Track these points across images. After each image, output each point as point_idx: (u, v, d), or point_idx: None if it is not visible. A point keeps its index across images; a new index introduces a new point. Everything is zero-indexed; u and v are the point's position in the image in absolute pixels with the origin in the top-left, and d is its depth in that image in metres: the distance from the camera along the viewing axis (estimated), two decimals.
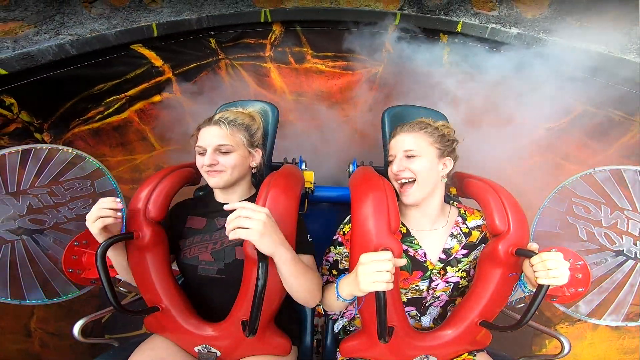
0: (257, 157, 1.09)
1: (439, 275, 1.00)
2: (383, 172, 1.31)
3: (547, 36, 1.86)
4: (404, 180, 0.99)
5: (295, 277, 0.86)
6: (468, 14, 2.04)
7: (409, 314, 1.02)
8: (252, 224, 0.74)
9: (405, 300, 1.01)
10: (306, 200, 1.42)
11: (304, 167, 1.48)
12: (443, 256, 1.00)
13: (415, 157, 0.98)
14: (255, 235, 0.74)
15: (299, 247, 0.95)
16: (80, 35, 1.74)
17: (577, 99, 1.87)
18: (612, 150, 1.82)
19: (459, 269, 1.00)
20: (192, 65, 2.27)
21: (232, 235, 0.75)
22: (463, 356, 0.97)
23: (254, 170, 1.11)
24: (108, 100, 2.00)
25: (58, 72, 1.69)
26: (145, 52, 2.03)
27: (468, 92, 2.20)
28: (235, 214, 0.76)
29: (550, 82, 1.91)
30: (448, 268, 1.00)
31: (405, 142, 1.00)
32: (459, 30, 2.03)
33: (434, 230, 1.03)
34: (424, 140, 0.99)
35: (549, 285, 0.76)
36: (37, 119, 1.69)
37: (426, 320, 1.04)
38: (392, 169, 1.01)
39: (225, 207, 0.79)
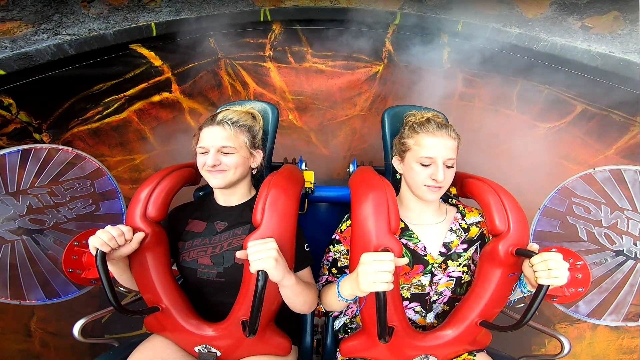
0: (257, 158, 1.09)
1: (440, 270, 1.00)
2: (383, 172, 1.32)
3: (548, 36, 1.84)
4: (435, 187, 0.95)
5: (297, 296, 0.90)
6: (469, 13, 2.03)
7: (413, 309, 1.02)
8: (266, 255, 0.79)
9: (409, 295, 1.01)
10: (306, 200, 1.41)
11: (304, 167, 1.48)
12: (443, 250, 1.01)
13: (452, 167, 0.96)
14: (271, 263, 0.78)
15: (298, 259, 0.96)
16: (79, 35, 1.73)
17: (578, 98, 1.87)
18: (611, 150, 1.82)
19: (460, 264, 1.00)
20: (191, 65, 2.26)
21: (252, 269, 0.79)
22: (463, 356, 0.97)
23: (254, 171, 1.11)
24: (107, 100, 2.00)
25: (56, 72, 1.68)
26: (144, 51, 2.02)
27: (467, 91, 2.20)
28: (249, 254, 0.80)
29: (550, 81, 1.91)
30: (449, 262, 1.00)
31: (447, 149, 0.94)
32: (460, 29, 2.02)
33: (433, 225, 1.04)
34: (456, 148, 0.98)
35: (549, 286, 0.76)
36: (35, 119, 1.68)
37: (431, 317, 1.04)
38: (437, 177, 0.92)
39: (238, 255, 0.83)
